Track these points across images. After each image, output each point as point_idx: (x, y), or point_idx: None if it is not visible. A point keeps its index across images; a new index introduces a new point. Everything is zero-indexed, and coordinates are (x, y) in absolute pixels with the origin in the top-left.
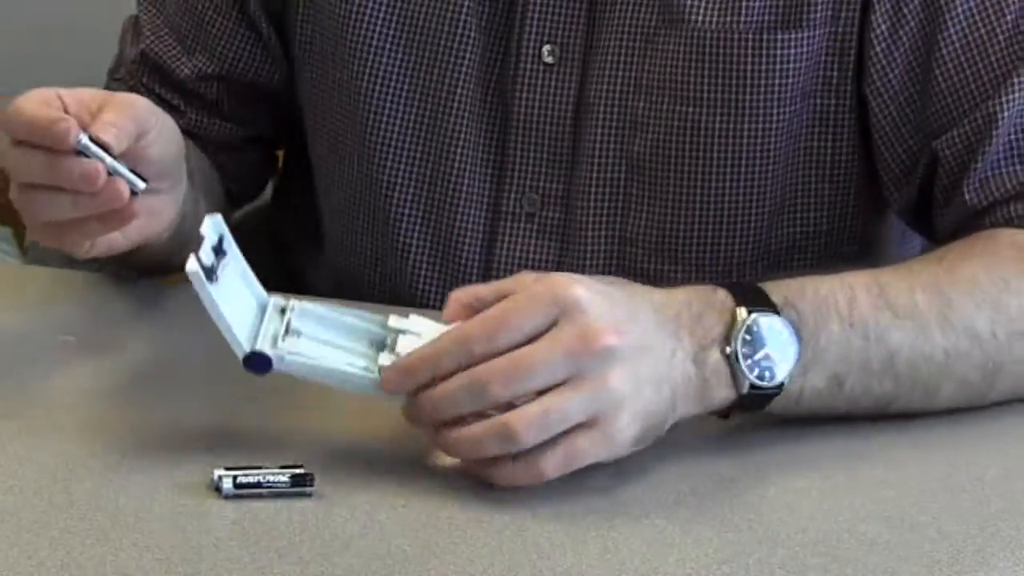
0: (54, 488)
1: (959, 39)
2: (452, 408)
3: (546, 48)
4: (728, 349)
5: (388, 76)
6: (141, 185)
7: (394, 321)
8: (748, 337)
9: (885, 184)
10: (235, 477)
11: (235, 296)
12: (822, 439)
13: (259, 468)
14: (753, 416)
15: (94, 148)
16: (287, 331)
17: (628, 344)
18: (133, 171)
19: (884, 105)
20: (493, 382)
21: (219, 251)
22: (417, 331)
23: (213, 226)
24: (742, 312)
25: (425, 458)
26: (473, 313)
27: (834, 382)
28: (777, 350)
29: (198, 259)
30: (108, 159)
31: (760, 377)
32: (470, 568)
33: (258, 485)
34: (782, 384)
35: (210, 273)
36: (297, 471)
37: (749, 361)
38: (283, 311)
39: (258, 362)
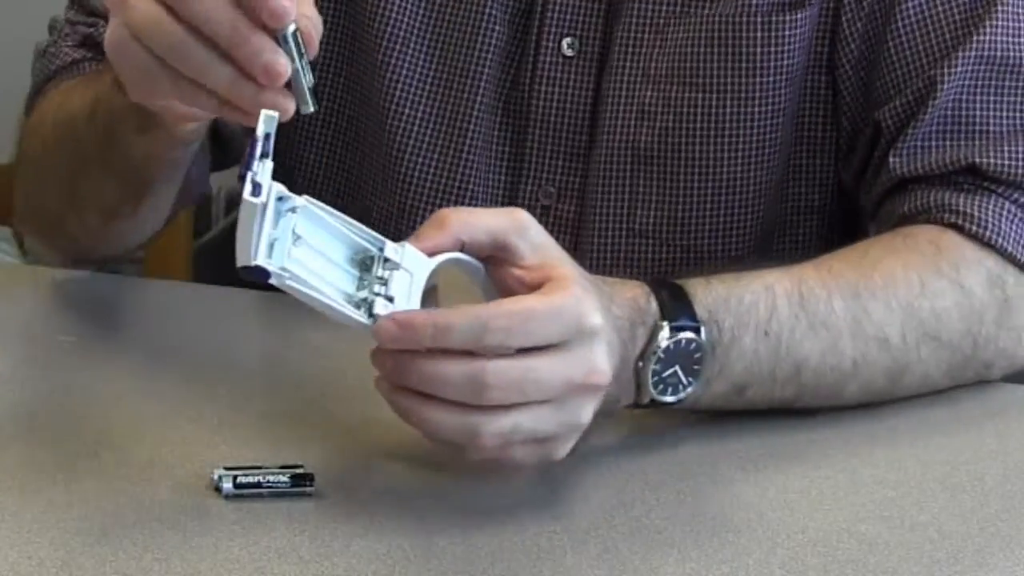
0: (54, 488)
1: (915, 13)
2: (439, 388)
3: (566, 41)
4: (640, 364)
5: (411, 67)
6: (310, 109)
7: (391, 252)
8: (662, 355)
9: (839, 154)
10: (235, 477)
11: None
12: (822, 438)
13: (259, 468)
14: (753, 416)
15: (292, 44)
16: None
17: (608, 380)
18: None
19: (845, 74)
20: (496, 387)
21: (264, 155)
22: (410, 269)
23: (267, 122)
24: (664, 332)
25: (425, 459)
26: (462, 248)
27: (735, 390)
28: (685, 368)
29: (254, 182)
30: (299, 63)
31: (662, 392)
32: (470, 568)
33: (258, 485)
34: (681, 399)
35: (257, 190)
36: (297, 471)
37: (656, 378)
38: (281, 200)
39: (257, 273)
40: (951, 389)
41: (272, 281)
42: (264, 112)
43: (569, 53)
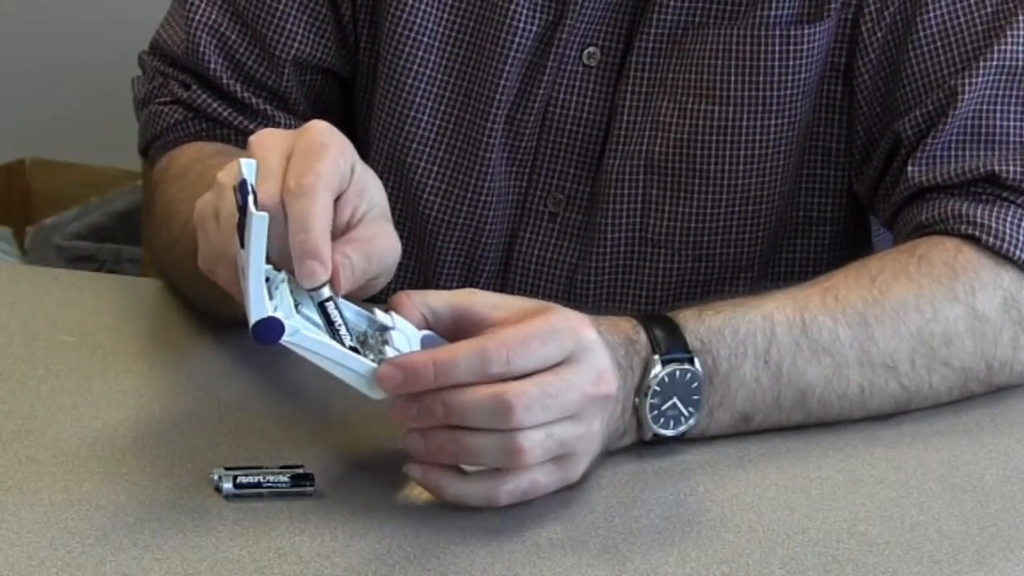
0: (54, 488)
1: (937, 24)
2: (466, 418)
3: (588, 51)
4: (637, 401)
5: (433, 70)
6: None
7: (383, 317)
8: (658, 389)
9: (852, 164)
10: (235, 477)
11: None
12: (821, 438)
13: (259, 468)
14: None
15: (318, 312)
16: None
17: (614, 388)
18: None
19: (863, 83)
20: (520, 407)
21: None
22: (404, 330)
23: (248, 170)
24: (656, 365)
25: None
26: (424, 324)
27: (741, 418)
28: (684, 400)
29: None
30: (324, 331)
31: (664, 426)
32: (470, 568)
33: (258, 485)
34: (684, 432)
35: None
36: (297, 471)
37: (656, 412)
38: (269, 280)
39: (270, 329)
40: None
41: (286, 336)
42: (242, 160)
43: (590, 63)
